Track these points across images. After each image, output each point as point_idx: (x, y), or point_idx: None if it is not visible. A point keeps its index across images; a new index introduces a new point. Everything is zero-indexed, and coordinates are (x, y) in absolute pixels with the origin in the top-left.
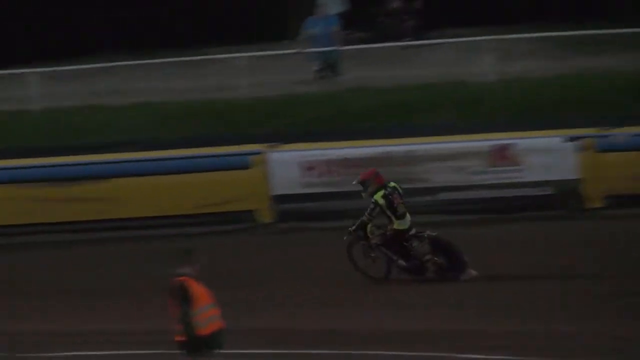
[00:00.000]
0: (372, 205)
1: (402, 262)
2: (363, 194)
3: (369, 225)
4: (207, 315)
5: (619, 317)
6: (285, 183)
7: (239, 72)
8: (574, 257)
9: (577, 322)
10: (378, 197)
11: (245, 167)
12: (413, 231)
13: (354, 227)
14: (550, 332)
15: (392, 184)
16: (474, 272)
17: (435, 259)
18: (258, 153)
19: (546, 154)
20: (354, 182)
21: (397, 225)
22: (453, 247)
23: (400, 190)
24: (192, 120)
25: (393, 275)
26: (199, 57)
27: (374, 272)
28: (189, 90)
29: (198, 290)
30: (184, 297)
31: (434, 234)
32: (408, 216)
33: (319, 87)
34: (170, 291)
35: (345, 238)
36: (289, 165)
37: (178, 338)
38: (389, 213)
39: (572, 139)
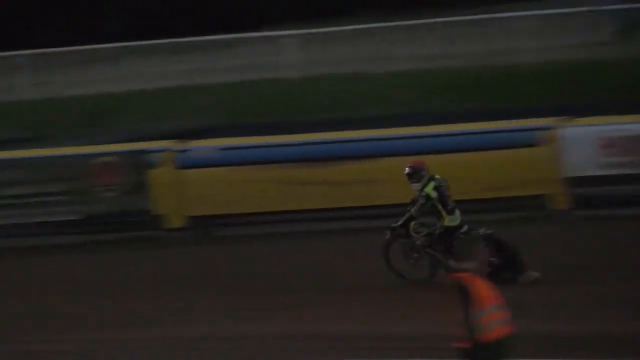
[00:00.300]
0: (422, 200)
1: (452, 263)
2: (413, 186)
3: (412, 223)
4: (494, 317)
5: None
6: (579, 163)
7: (523, 34)
8: None
9: None
10: (429, 189)
11: (532, 144)
12: (464, 228)
13: (399, 223)
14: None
15: (438, 176)
16: (534, 274)
17: (491, 259)
18: (547, 128)
19: None
20: (405, 172)
21: (448, 221)
22: (510, 247)
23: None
24: (466, 90)
25: (438, 277)
26: (474, 17)
27: (415, 275)
28: (462, 55)
29: (483, 288)
30: (466, 297)
31: (489, 231)
32: (458, 211)
33: (617, 50)
34: (449, 290)
35: (386, 236)
36: (584, 142)
37: (458, 344)
38: (439, 207)
39: None
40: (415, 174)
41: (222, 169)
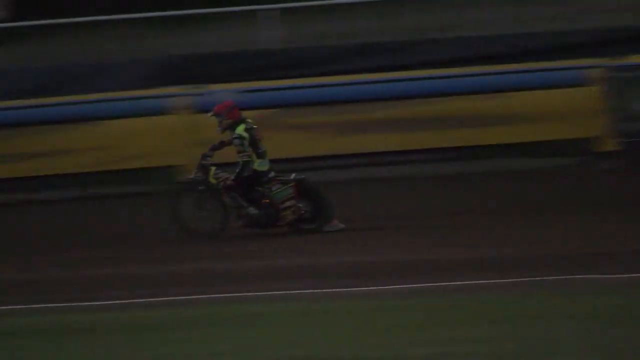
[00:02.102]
0: (237, 141)
1: (252, 210)
2: (218, 129)
3: (212, 169)
4: None
5: None
6: None
7: None
8: None
9: None
10: (240, 130)
11: None
12: (272, 174)
13: (192, 175)
14: None
15: (250, 120)
16: (340, 224)
17: (298, 205)
18: None
19: None
20: (209, 115)
21: (258, 165)
22: (320, 194)
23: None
24: None
25: (226, 230)
26: None
27: (207, 227)
28: None
29: None
30: None
31: (300, 177)
32: (267, 157)
33: None
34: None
35: (174, 188)
36: None
37: None
38: (250, 150)
39: None
40: (222, 115)
41: None
